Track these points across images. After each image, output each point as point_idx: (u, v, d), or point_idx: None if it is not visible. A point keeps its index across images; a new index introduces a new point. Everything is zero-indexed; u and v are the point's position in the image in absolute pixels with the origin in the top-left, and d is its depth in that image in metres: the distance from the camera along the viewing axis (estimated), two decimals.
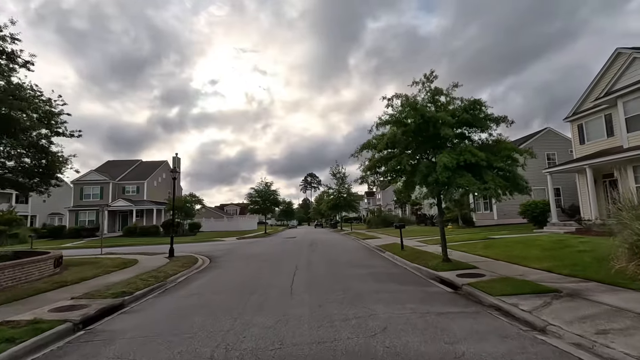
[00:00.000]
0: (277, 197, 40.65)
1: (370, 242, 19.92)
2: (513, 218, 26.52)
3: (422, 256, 12.23)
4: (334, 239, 26.15)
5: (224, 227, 47.90)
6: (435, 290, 7.72)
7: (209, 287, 8.78)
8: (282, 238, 28.80)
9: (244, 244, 22.66)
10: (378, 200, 69.95)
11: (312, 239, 26.46)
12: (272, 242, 24.23)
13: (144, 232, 34.25)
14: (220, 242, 25.70)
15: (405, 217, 41.43)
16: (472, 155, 8.69)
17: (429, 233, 22.90)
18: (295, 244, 21.32)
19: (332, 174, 43.40)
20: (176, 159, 45.08)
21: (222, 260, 14.34)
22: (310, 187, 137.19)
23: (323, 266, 11.39)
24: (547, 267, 8.63)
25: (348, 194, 42.91)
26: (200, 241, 27.61)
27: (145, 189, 39.71)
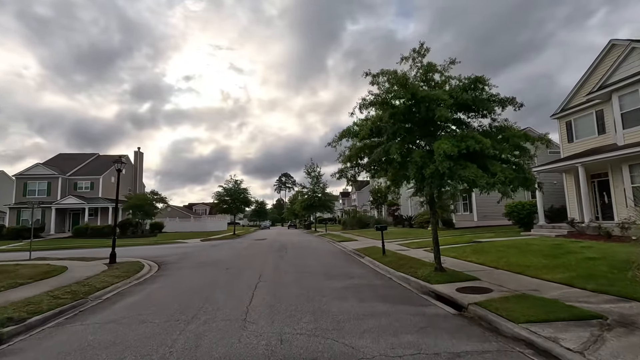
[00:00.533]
0: (247, 196, 38.20)
1: (347, 245, 18.16)
2: (493, 220, 25.71)
3: (408, 263, 10.55)
4: (307, 241, 24.23)
5: (190, 227, 44.78)
6: (435, 311, 5.99)
7: (139, 310, 6.60)
8: (251, 240, 26.54)
9: (207, 247, 20.28)
10: (353, 201, 68.77)
11: (283, 241, 24.41)
12: (239, 245, 21.97)
13: (96, 232, 30.83)
14: (180, 245, 23.12)
15: (381, 218, 40.19)
16: (476, 142, 7.07)
17: (409, 235, 21.49)
18: (263, 247, 19.20)
19: (307, 172, 41.50)
20: (138, 154, 41.73)
21: (172, 268, 12.05)
22: (284, 187, 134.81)
23: (292, 277, 9.43)
24: (564, 280, 7.12)
25: (323, 193, 41.10)
26: (159, 243, 24.86)
27: (100, 185, 36.07)
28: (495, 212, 26.01)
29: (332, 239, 24.03)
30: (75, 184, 36.21)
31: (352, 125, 9.29)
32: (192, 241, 27.18)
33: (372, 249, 15.31)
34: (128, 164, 42.74)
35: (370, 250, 14.92)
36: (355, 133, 9.07)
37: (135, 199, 32.04)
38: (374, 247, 15.68)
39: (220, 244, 23.33)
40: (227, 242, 24.94)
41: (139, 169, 43.67)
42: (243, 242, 25.00)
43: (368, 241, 20.09)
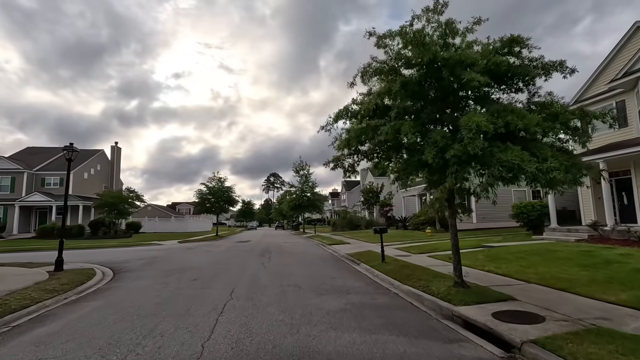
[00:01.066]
0: (232, 195, 35.94)
1: (339, 249, 16.26)
2: (494, 222, 24.21)
3: (414, 273, 8.70)
4: (294, 244, 22.24)
5: (170, 228, 42.22)
6: (476, 354, 4.12)
7: (45, 350, 4.54)
8: (233, 242, 24.40)
9: (181, 250, 18.09)
10: (343, 202, 67.00)
11: (268, 243, 22.37)
12: (219, 248, 19.84)
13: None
14: (153, 247, 20.84)
15: (373, 219, 38.48)
16: (518, 118, 5.26)
17: (406, 238, 19.72)
18: (244, 251, 17.14)
19: (295, 170, 39.49)
20: (115, 149, 39.07)
21: (128, 278, 9.93)
22: (272, 187, 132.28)
23: (273, 293, 7.47)
24: (635, 302, 5.36)
25: (312, 193, 39.16)
26: (131, 245, 22.50)
27: (71, 181, 33.27)
28: (495, 213, 24.52)
29: (322, 241, 22.10)
30: (42, 179, 33.34)
31: (350, 104, 7.42)
32: (169, 243, 24.89)
33: (368, 254, 13.46)
34: (104, 160, 40.03)
35: (366, 255, 13.06)
36: (355, 113, 7.22)
37: (108, 196, 29.47)
38: (370, 252, 13.84)
39: (198, 246, 21.14)
40: (206, 245, 22.76)
41: (116, 164, 40.95)
42: (224, 244, 22.85)
43: (361, 244, 18.25)
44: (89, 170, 36.51)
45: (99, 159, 38.84)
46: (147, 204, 59.40)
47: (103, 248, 20.74)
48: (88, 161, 36.35)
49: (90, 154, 37.87)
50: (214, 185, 35.40)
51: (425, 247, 14.56)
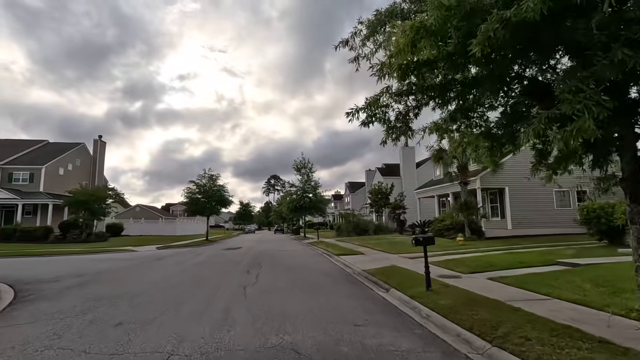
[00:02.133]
0: (224, 195, 32.05)
1: (352, 262, 12.35)
2: (531, 228, 20.27)
3: (501, 316, 4.77)
4: (294, 252, 18.31)
5: (157, 230, 38.32)
6: None
7: None
8: (220, 249, 20.48)
9: (147, 261, 14.19)
10: (347, 204, 63.06)
11: (261, 251, 18.45)
12: (197, 257, 15.93)
13: (26, 235, 24.31)
14: (119, 255, 16.97)
15: (381, 223, 34.53)
16: None
17: (434, 248, 15.76)
18: (229, 263, 13.21)
19: (296, 168, 35.59)
20: (99, 143, 35.33)
21: (34, 307, 6.03)
22: (273, 189, 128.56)
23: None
24: None
25: (314, 194, 35.23)
26: (97, 251, 18.64)
27: (42, 177, 29.45)
28: (534, 217, 20.60)
29: (327, 249, 18.18)
30: (10, 174, 29.51)
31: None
32: (145, 249, 21.03)
33: (395, 271, 9.59)
34: (85, 154, 36.26)
35: (394, 274, 9.17)
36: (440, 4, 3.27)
37: (79, 194, 25.61)
38: (396, 269, 9.99)
39: (174, 254, 17.23)
40: (187, 252, 18.86)
41: (99, 160, 37.12)
42: (207, 252, 18.93)
43: (378, 255, 14.35)
44: (66, 165, 32.69)
45: (79, 154, 35.04)
46: (136, 205, 55.62)
47: (59, 255, 16.89)
48: (65, 155, 32.55)
49: (68, 147, 34.08)
50: (204, 183, 31.54)
51: (471, 262, 10.65)
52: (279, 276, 9.68)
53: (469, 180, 19.73)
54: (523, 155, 23.48)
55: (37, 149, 33.64)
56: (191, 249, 20.92)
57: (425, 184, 29.28)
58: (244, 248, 21.12)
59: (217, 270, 10.76)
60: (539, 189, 21.06)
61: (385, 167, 41.95)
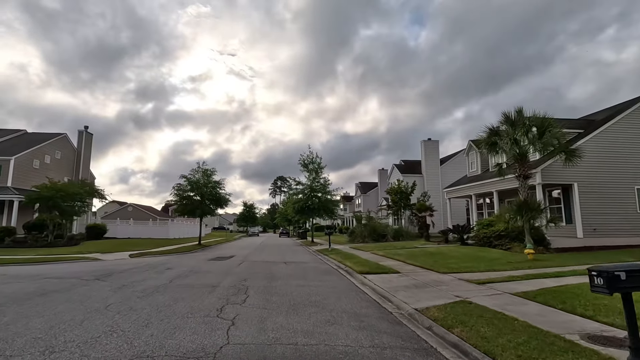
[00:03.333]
0: (220, 192, 27.79)
1: (387, 289, 7.91)
2: (609, 237, 15.53)
3: None
4: (300, 266, 13.88)
5: (147, 232, 34.22)
6: None
7: None
8: (205, 260, 16.14)
9: (91, 279, 9.85)
10: (358, 206, 58.45)
11: (255, 264, 14.09)
12: (167, 273, 11.57)
13: None
14: (74, 265, 12.84)
15: (401, 227, 29.87)
16: None
17: (495, 266, 11.23)
18: (201, 287, 8.75)
19: (303, 164, 31.18)
20: (84, 134, 31.31)
21: None
22: (280, 191, 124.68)
23: None
24: None
25: (324, 193, 30.78)
26: (50, 260, 14.51)
27: (11, 169, 25.51)
28: (613, 223, 15.89)
29: (344, 262, 13.73)
30: None
31: None
32: (116, 256, 16.85)
33: (481, 317, 5.07)
34: (67, 147, 32.35)
35: (483, 324, 4.65)
36: None
37: (45, 189, 21.56)
38: (477, 311, 5.46)
39: (137, 268, 12.89)
40: (159, 263, 14.58)
41: (84, 154, 33.22)
42: (185, 263, 14.63)
43: (420, 276, 9.86)
44: (43, 158, 28.76)
45: (60, 145, 31.13)
46: (128, 204, 51.74)
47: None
48: (41, 146, 28.63)
49: (46, 138, 30.19)
50: (197, 179, 27.31)
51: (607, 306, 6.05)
52: (271, 326, 5.23)
53: (530, 174, 15.09)
54: (599, 142, 16.61)
55: (12, 138, 29.84)
56: (169, 258, 16.61)
57: (458, 181, 24.61)
58: (236, 257, 16.76)
59: (165, 309, 6.34)
60: (617, 186, 16.33)
61: (404, 164, 37.32)
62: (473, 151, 23.44)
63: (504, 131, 15.04)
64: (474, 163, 23.29)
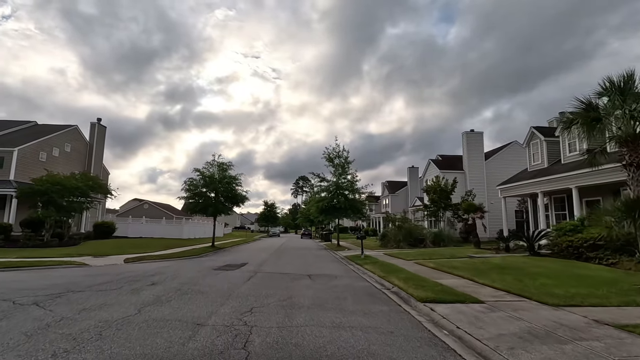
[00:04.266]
0: (236, 189, 24.87)
1: (484, 337, 4.38)
2: None
3: None
4: (328, 284, 10.55)
5: (160, 231, 31.92)
6: None
7: None
8: (211, 268, 13.13)
9: (27, 304, 6.94)
10: (384, 207, 54.50)
11: (270, 278, 10.88)
12: (150, 290, 8.60)
13: None
14: (47, 272, 9.98)
15: (441, 230, 25.92)
16: None
17: (592, 283, 7.42)
18: (178, 324, 5.65)
19: (328, 159, 27.79)
20: (97, 127, 29.03)
21: None
22: (302, 191, 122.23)
23: None
24: None
25: (352, 189, 27.29)
26: (28, 264, 11.88)
27: (13, 162, 23.65)
28: None
29: (388, 277, 10.29)
30: None
31: None
32: (109, 260, 14.20)
33: None
34: (78, 139, 30.52)
35: None
36: None
37: (40, 182, 19.34)
38: None
39: (118, 279, 9.96)
40: (153, 270, 11.69)
41: (97, 147, 31.34)
42: (183, 272, 11.68)
43: (515, 304, 6.24)
44: (50, 150, 26.91)
45: (70, 137, 29.30)
46: (144, 201, 50.13)
47: None
48: (48, 138, 26.78)
49: (55, 129, 28.39)
50: (212, 173, 24.53)
51: None
52: None
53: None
54: None
55: (20, 130, 28.23)
56: (168, 265, 13.70)
57: (516, 177, 20.50)
58: (249, 266, 13.63)
59: None
60: None
61: (442, 159, 33.19)
62: (537, 140, 19.30)
63: (607, 104, 11.12)
64: (538, 154, 19.15)
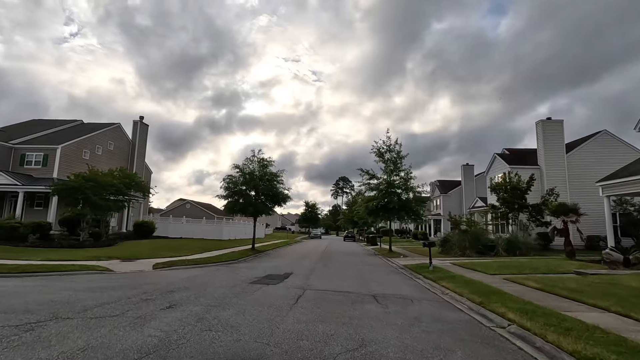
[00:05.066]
0: (276, 186, 22.71)
1: None
2: None
3: None
4: (405, 313, 7.75)
5: (200, 232, 30.78)
6: None
7: None
8: (244, 281, 10.81)
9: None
10: (436, 208, 50.13)
11: (321, 296, 8.25)
12: (156, 323, 6.31)
13: (9, 233, 17.66)
14: (61, 281, 8.17)
15: (516, 236, 21.85)
16: None
17: None
18: None
19: (378, 153, 24.77)
20: (139, 125, 27.43)
21: None
22: (342, 192, 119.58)
23: None
24: None
25: (405, 188, 24.05)
26: (50, 269, 10.35)
27: (57, 159, 23.40)
28: None
29: (488, 304, 7.29)
30: (22, 155, 24.07)
31: None
32: (140, 265, 12.55)
33: None
34: (121, 137, 30.23)
35: None
36: None
37: (77, 178, 18.42)
38: None
39: (119, 299, 7.85)
40: (170, 285, 9.52)
41: (139, 145, 30.94)
42: (213, 286, 9.50)
43: None
44: (94, 148, 26.61)
45: (113, 135, 29.02)
46: (186, 201, 50.06)
47: None
48: (91, 135, 26.50)
49: (97, 127, 28.15)
50: (252, 169, 22.58)
51: None
52: None
53: None
54: None
55: (66, 129, 28.33)
56: (199, 275, 11.61)
57: (629, 169, 16.14)
58: (294, 278, 11.15)
59: None
60: None
61: (511, 153, 28.78)
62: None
63: None
64: None
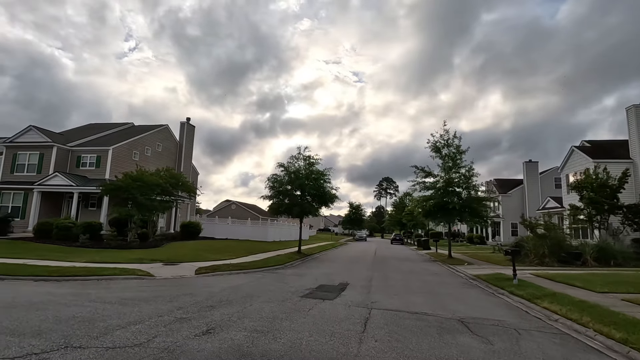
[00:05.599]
0: (323, 185, 21.18)
1: None
2: None
3: None
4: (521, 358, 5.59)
5: (245, 233, 30.19)
6: None
7: None
8: (294, 294, 9.31)
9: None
10: (494, 210, 45.77)
11: (396, 321, 6.45)
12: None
13: (64, 232, 17.89)
14: (97, 285, 7.28)
15: (607, 242, 18.35)
16: None
17: None
18: None
19: (434, 148, 22.34)
20: (186, 126, 27.25)
21: None
22: (385, 193, 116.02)
23: None
24: None
25: (467, 186, 21.40)
26: (86, 273, 9.67)
27: (109, 160, 23.83)
28: None
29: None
30: (78, 157, 24.86)
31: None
32: (182, 270, 11.59)
33: None
34: (169, 138, 30.55)
35: None
36: None
37: (124, 178, 18.25)
38: None
39: (141, 319, 6.64)
40: (209, 298, 8.24)
41: (186, 146, 31.12)
42: (250, 308, 7.96)
43: None
44: (143, 149, 26.97)
45: (161, 137, 29.36)
46: (231, 202, 50.37)
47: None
48: (140, 137, 26.85)
49: (146, 129, 28.58)
50: (298, 167, 21.30)
51: None
52: None
53: None
54: None
55: (118, 131, 29.10)
56: (244, 283, 10.33)
57: None
58: (353, 290, 9.47)
59: None
60: None
61: (592, 145, 24.84)
62: None
63: None
64: None
